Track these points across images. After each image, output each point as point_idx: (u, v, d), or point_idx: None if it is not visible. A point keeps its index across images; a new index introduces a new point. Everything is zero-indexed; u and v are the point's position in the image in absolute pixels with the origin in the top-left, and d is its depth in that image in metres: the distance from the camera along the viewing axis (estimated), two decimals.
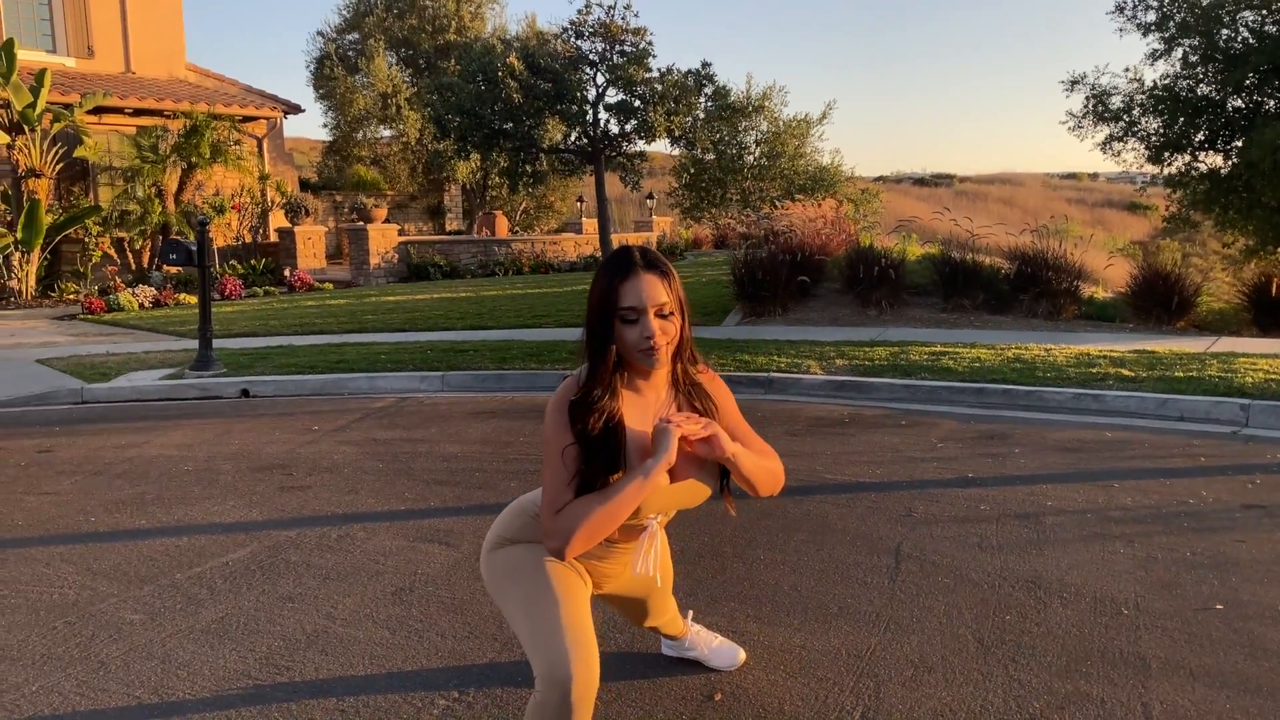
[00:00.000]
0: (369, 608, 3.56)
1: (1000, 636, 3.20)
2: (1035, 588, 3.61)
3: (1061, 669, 2.97)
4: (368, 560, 4.07)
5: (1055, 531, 4.25)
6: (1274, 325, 9.88)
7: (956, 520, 4.43)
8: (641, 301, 2.14)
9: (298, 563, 4.06)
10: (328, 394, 8.50)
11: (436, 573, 3.90)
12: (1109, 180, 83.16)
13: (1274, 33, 12.29)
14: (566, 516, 2.13)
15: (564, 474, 2.16)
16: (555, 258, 20.99)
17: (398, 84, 25.06)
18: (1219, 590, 3.55)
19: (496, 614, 3.44)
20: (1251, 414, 6.47)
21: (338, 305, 14.71)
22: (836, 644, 3.18)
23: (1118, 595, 3.53)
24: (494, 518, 4.44)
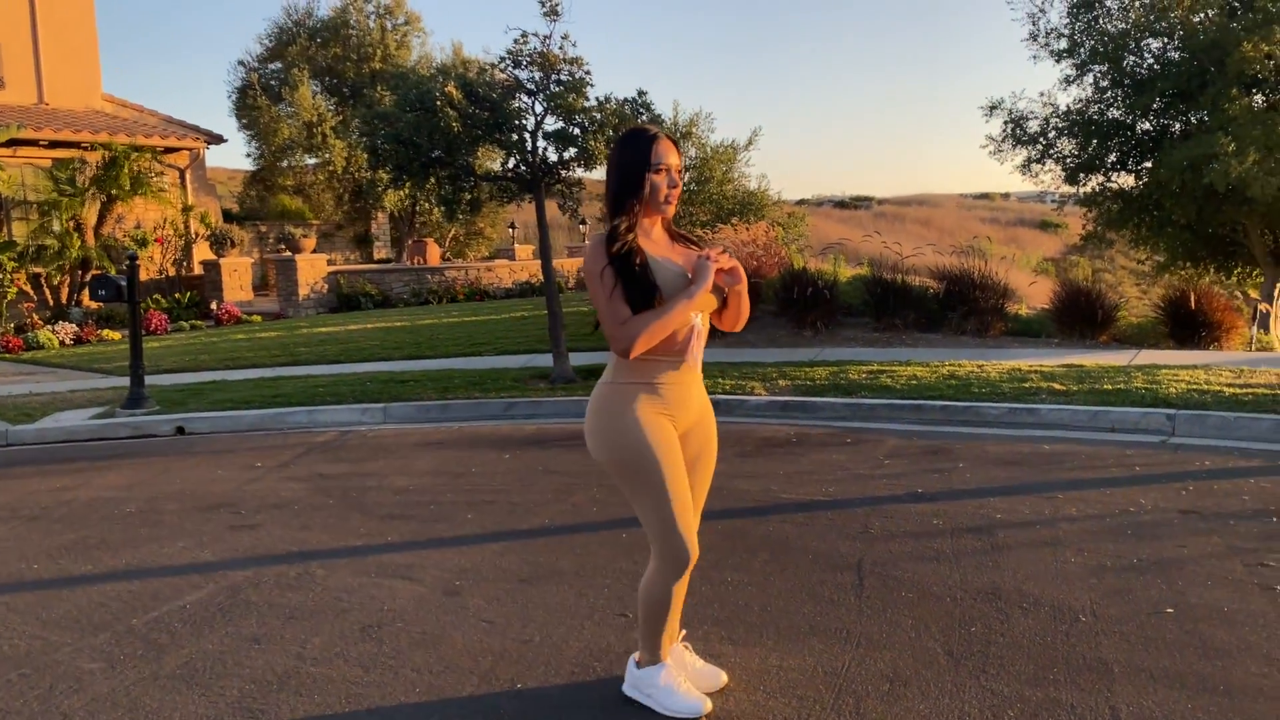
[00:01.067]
0: (339, 645, 3.51)
1: (968, 648, 3.29)
2: (995, 599, 3.72)
3: (1030, 677, 3.06)
4: (331, 598, 4.01)
5: (1007, 543, 4.38)
6: (1189, 338, 10.30)
7: (912, 535, 4.54)
8: (669, 159, 2.74)
9: (259, 602, 3.98)
10: (266, 429, 8.35)
11: (404, 608, 3.86)
12: (1020, 200, 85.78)
13: (1177, 59, 12.89)
14: (631, 324, 2.65)
15: (612, 294, 2.66)
16: (490, 284, 20.93)
17: (323, 112, 24.75)
18: (1167, 594, 3.70)
19: (474, 646, 3.43)
20: (1177, 424, 6.74)
21: (269, 338, 14.44)
22: (812, 662, 3.23)
23: (1074, 603, 3.65)
24: (451, 550, 4.45)
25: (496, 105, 8.97)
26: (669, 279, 2.71)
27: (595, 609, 3.76)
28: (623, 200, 2.74)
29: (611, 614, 3.71)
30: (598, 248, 2.71)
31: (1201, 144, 11.53)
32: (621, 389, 2.77)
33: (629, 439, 2.73)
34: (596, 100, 8.98)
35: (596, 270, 2.69)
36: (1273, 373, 8.01)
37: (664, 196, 2.75)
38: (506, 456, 6.70)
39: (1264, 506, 4.79)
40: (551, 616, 3.70)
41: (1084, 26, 13.63)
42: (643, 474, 2.73)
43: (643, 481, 2.74)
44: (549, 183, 9.47)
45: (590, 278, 2.71)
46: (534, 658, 3.34)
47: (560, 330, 9.57)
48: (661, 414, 2.77)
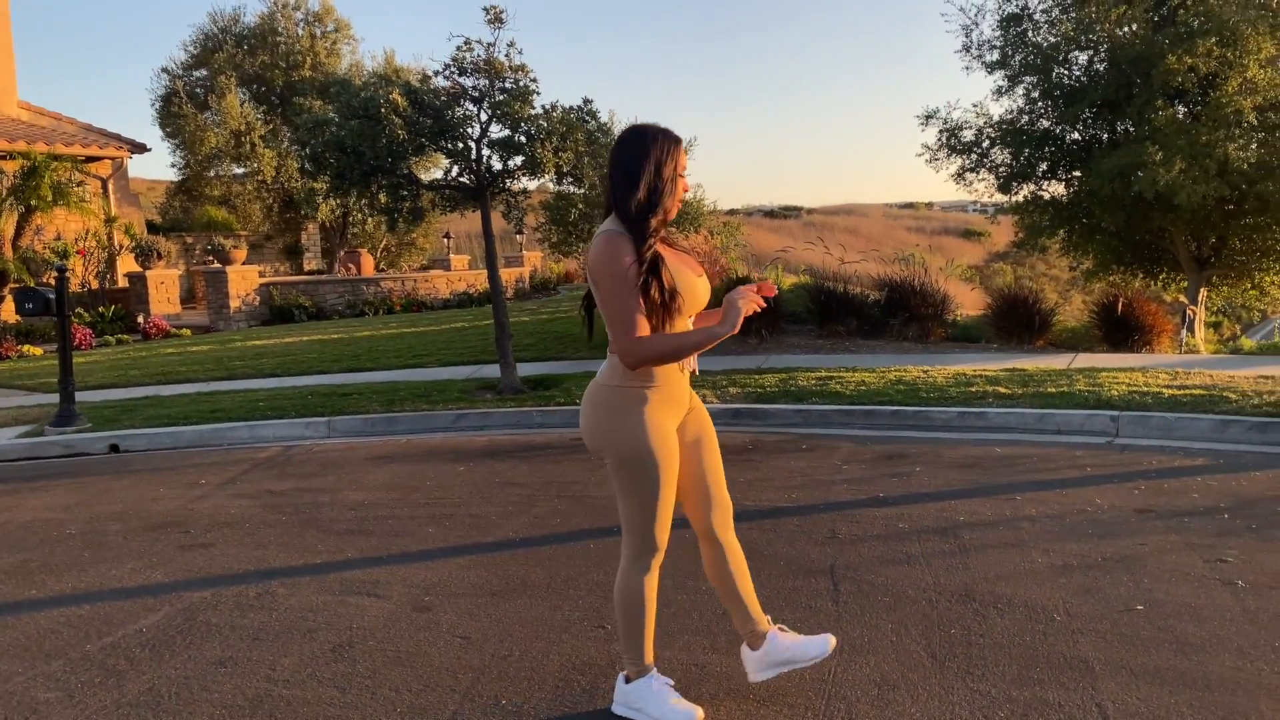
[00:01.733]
0: (310, 666, 3.39)
1: (951, 650, 3.30)
2: (970, 600, 3.75)
3: (1015, 678, 3.08)
4: (296, 617, 3.88)
5: (974, 544, 4.43)
6: (1122, 341, 10.59)
7: (879, 539, 4.56)
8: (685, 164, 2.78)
9: (220, 624, 3.83)
10: (207, 445, 8.10)
11: (374, 625, 3.75)
12: (944, 209, 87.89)
13: (1103, 71, 13.28)
14: (647, 344, 2.61)
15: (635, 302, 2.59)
16: (428, 295, 20.67)
17: (251, 121, 24.24)
18: (1135, 592, 3.77)
19: (452, 663, 3.35)
20: (1121, 425, 6.91)
21: (201, 352, 14.04)
22: (798, 669, 3.21)
23: (1047, 602, 3.70)
24: (416, 565, 4.35)
25: (440, 113, 8.86)
26: (690, 287, 2.74)
27: (572, 622, 3.70)
28: (654, 203, 2.67)
29: (589, 626, 3.65)
30: (617, 246, 2.61)
31: (1130, 153, 11.89)
32: (626, 391, 2.75)
33: (634, 440, 2.73)
34: (542, 108, 8.92)
35: (618, 270, 2.59)
36: (1206, 374, 8.26)
37: (681, 201, 2.79)
38: (461, 469, 6.59)
39: (1214, 504, 4.92)
40: (528, 630, 3.63)
41: (1014, 39, 13.98)
42: (641, 474, 2.75)
43: (640, 481, 2.76)
44: (494, 191, 9.37)
45: (606, 277, 2.60)
46: (515, 673, 3.27)
47: (507, 340, 9.47)
48: (664, 414, 2.78)
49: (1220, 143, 11.58)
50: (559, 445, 7.29)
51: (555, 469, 6.45)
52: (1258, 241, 13.70)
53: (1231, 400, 7.06)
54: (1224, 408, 6.92)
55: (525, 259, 25.76)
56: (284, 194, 25.77)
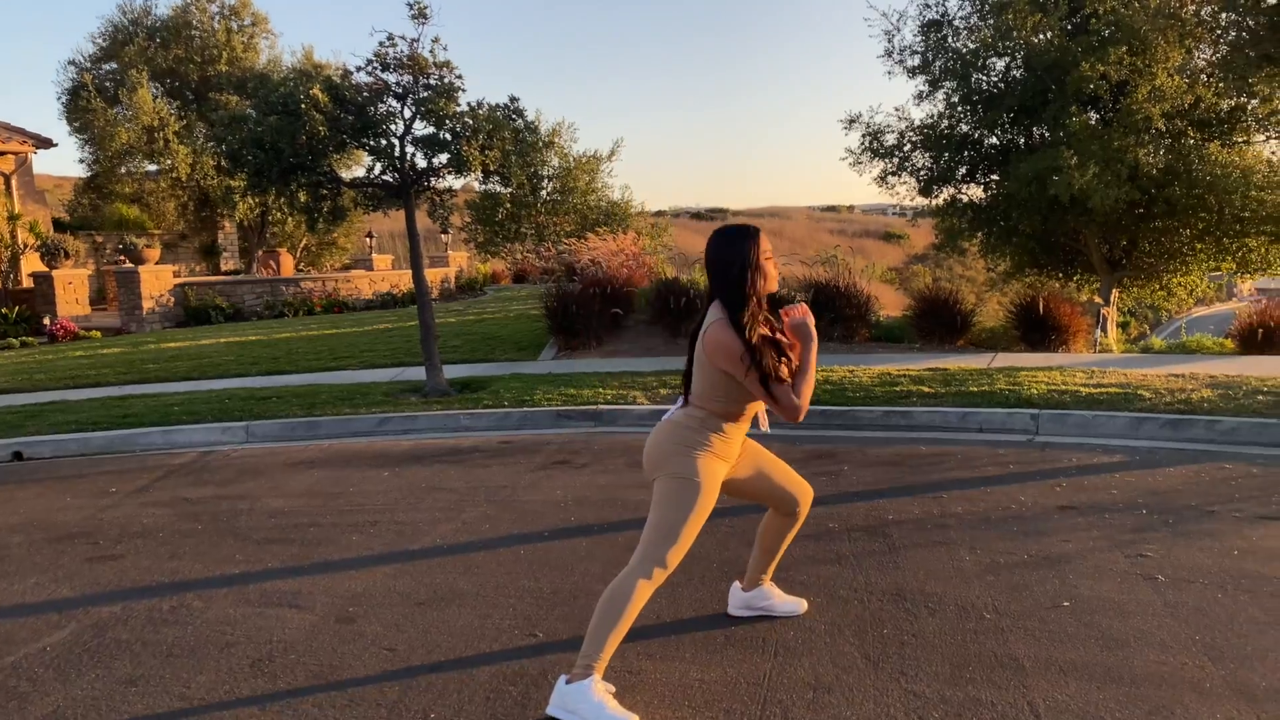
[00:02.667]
0: (227, 683, 3.25)
1: (884, 651, 3.30)
2: (901, 599, 3.77)
3: (948, 677, 3.09)
4: (212, 631, 3.73)
5: (903, 543, 4.45)
6: (1040, 341, 10.85)
7: (811, 539, 4.57)
8: (769, 247, 3.14)
9: (131, 641, 3.66)
10: (118, 452, 7.80)
11: (295, 638, 3.62)
12: (864, 212, 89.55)
13: (1020, 77, 13.61)
14: (797, 393, 3.06)
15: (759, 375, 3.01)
16: (349, 296, 20.26)
17: (165, 116, 23.49)
18: (1061, 588, 3.83)
19: (377, 677, 3.24)
20: (1041, 423, 7.06)
21: (112, 355, 13.54)
22: (732, 673, 3.18)
23: (976, 600, 3.73)
24: (340, 575, 4.23)
25: (363, 109, 8.66)
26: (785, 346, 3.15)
27: (503, 631, 3.62)
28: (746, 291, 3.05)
29: (521, 635, 3.57)
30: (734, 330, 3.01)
31: (1046, 157, 12.19)
32: (697, 432, 3.14)
33: (690, 464, 3.09)
34: (468, 105, 8.79)
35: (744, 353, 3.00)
36: (1121, 373, 8.50)
37: (774, 280, 3.15)
38: (386, 474, 6.44)
39: (1132, 500, 5.03)
40: (457, 641, 3.54)
41: (935, 45, 14.23)
42: (684, 494, 3.06)
43: (680, 499, 3.06)
44: (419, 190, 9.20)
45: (737, 359, 3.00)
46: (444, 686, 3.18)
47: (433, 342, 9.31)
48: (720, 460, 3.17)
49: (1131, 148, 11.95)
50: (487, 449, 7.17)
51: (484, 473, 6.34)
52: (1165, 244, 14.17)
53: (1145, 398, 7.26)
54: (1138, 405, 7.11)
55: (450, 259, 25.46)
56: (200, 192, 25.06)
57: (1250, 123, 13.34)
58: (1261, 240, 13.28)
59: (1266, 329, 9.74)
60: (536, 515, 5.21)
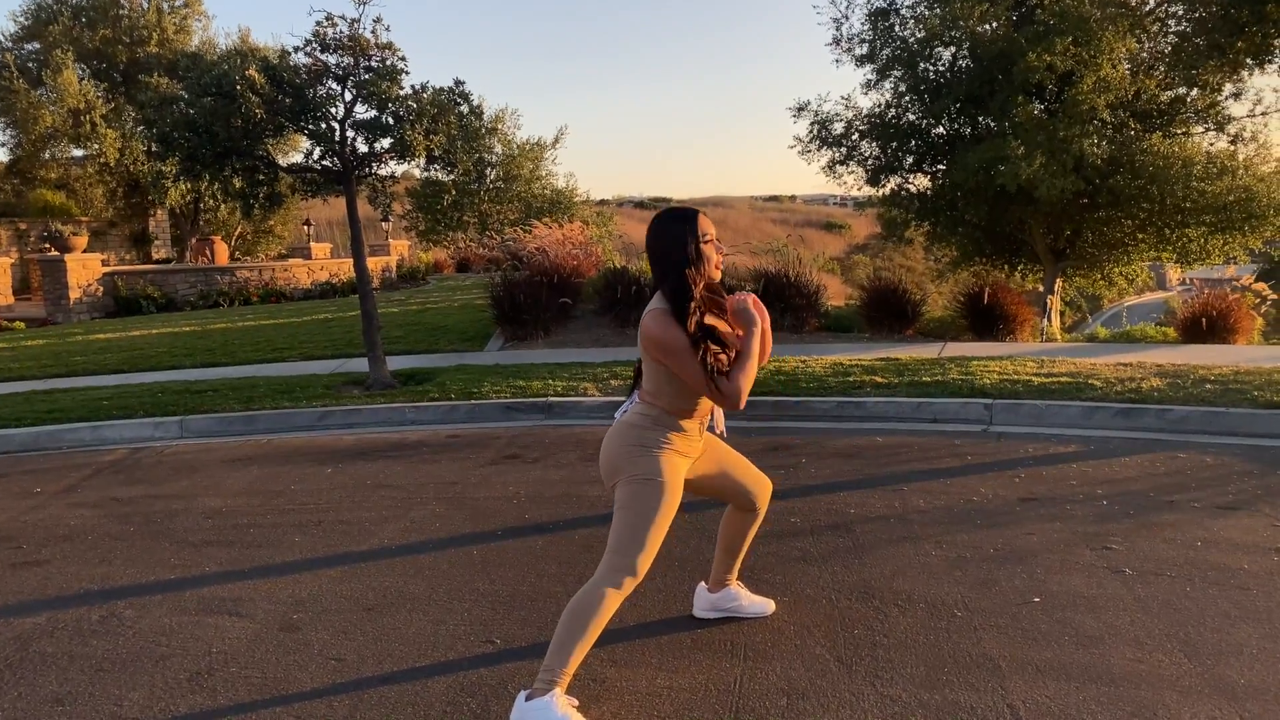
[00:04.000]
0: (164, 700, 3.03)
1: (856, 653, 3.20)
2: (870, 597, 3.66)
3: (923, 679, 2.99)
4: (146, 643, 3.49)
5: (867, 539, 4.36)
6: (987, 330, 10.89)
7: (773, 536, 4.45)
8: (712, 230, 2.96)
9: (56, 654, 3.41)
10: (42, 449, 7.44)
11: (235, 648, 3.40)
12: (806, 202, 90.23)
13: (966, 67, 13.66)
14: (734, 382, 2.87)
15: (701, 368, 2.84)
16: (287, 285, 19.75)
17: (92, 99, 22.66)
18: (1030, 584, 3.76)
19: (326, 689, 3.04)
20: (995, 413, 7.04)
21: (37, 346, 13.00)
22: (701, 679, 3.05)
23: (945, 598, 3.64)
24: (283, 579, 4.01)
25: (301, 91, 8.34)
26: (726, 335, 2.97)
27: (458, 638, 3.44)
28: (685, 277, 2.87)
29: (477, 642, 3.40)
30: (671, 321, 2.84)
31: (993, 147, 12.26)
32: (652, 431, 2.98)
33: (651, 464, 2.93)
34: (412, 88, 8.52)
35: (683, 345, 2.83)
36: (1070, 362, 8.54)
37: (717, 265, 2.98)
38: (329, 471, 6.20)
39: (1092, 490, 5.01)
40: (409, 649, 3.35)
41: (882, 33, 14.23)
42: (646, 496, 2.90)
43: (642, 502, 2.90)
44: (360, 176, 8.91)
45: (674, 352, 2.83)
46: (397, 698, 2.99)
47: (376, 333, 9.03)
48: (679, 457, 3.01)
49: (1076, 138, 12.06)
50: (434, 443, 6.96)
51: (432, 469, 6.13)
52: (1108, 234, 14.36)
53: (1096, 387, 7.29)
54: (1089, 395, 7.13)
55: (392, 247, 24.98)
56: (129, 178, 24.25)
57: (1190, 115, 13.58)
58: (1201, 230, 13.52)
59: (1209, 318, 9.88)
60: (489, 513, 5.03)
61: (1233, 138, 13.86)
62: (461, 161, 8.50)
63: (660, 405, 2.98)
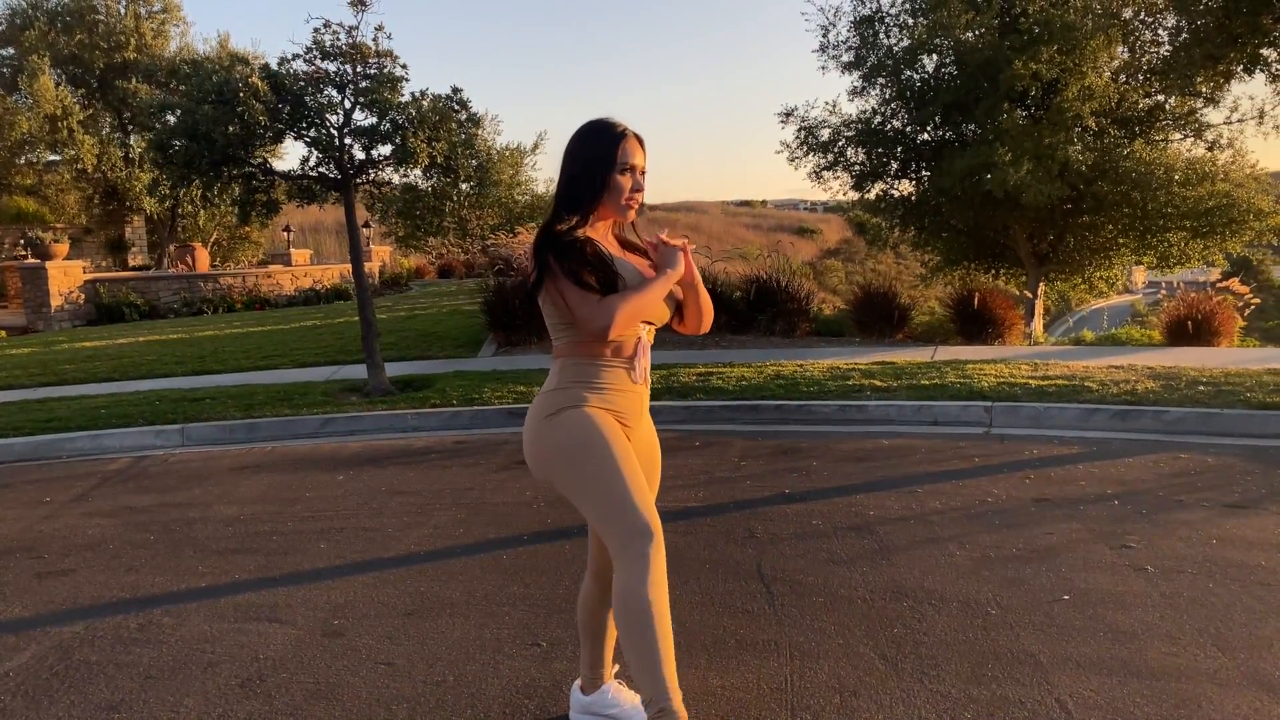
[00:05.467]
0: (219, 706, 3.05)
1: (900, 651, 3.27)
2: (903, 597, 3.74)
3: (970, 676, 3.07)
4: (190, 650, 3.51)
5: (891, 540, 4.44)
6: (976, 334, 11.06)
7: (798, 537, 4.52)
8: (635, 159, 2.51)
9: (102, 662, 3.42)
10: (42, 459, 7.39)
11: (283, 655, 3.42)
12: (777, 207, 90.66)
13: (952, 75, 13.84)
14: (609, 301, 2.41)
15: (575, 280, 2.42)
16: (271, 292, 19.65)
17: (68, 105, 22.43)
18: (1057, 582, 3.85)
19: (381, 694, 3.07)
20: (994, 415, 7.16)
21: (22, 355, 12.87)
22: (753, 679, 3.10)
23: (977, 596, 3.72)
24: (316, 586, 4.05)
25: (300, 98, 8.35)
26: (630, 274, 2.51)
27: (503, 641, 3.48)
28: (577, 198, 2.49)
29: (523, 644, 3.44)
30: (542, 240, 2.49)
31: (980, 154, 12.43)
32: (566, 391, 2.52)
33: (570, 426, 2.47)
34: (412, 95, 8.54)
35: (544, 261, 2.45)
36: (1063, 365, 8.69)
37: (625, 199, 2.52)
38: (341, 478, 6.21)
39: (1103, 491, 5.12)
40: (457, 653, 3.39)
41: (869, 40, 14.39)
42: (585, 454, 2.43)
43: (590, 470, 2.42)
44: (359, 183, 8.92)
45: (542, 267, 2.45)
46: (454, 701, 3.03)
47: (375, 340, 9.04)
48: (608, 410, 2.53)
49: (1061, 145, 12.26)
50: (442, 449, 6.98)
51: (445, 475, 6.15)
52: (1090, 239, 14.59)
53: (1092, 390, 7.42)
54: (1086, 397, 7.26)
55: (374, 254, 24.89)
56: (106, 184, 24.01)
57: (1168, 122, 13.84)
58: (1181, 235, 13.79)
59: (1194, 321, 10.08)
60: (510, 518, 5.07)
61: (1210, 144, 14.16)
62: (463, 168, 8.54)
63: (563, 353, 2.55)
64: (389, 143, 8.49)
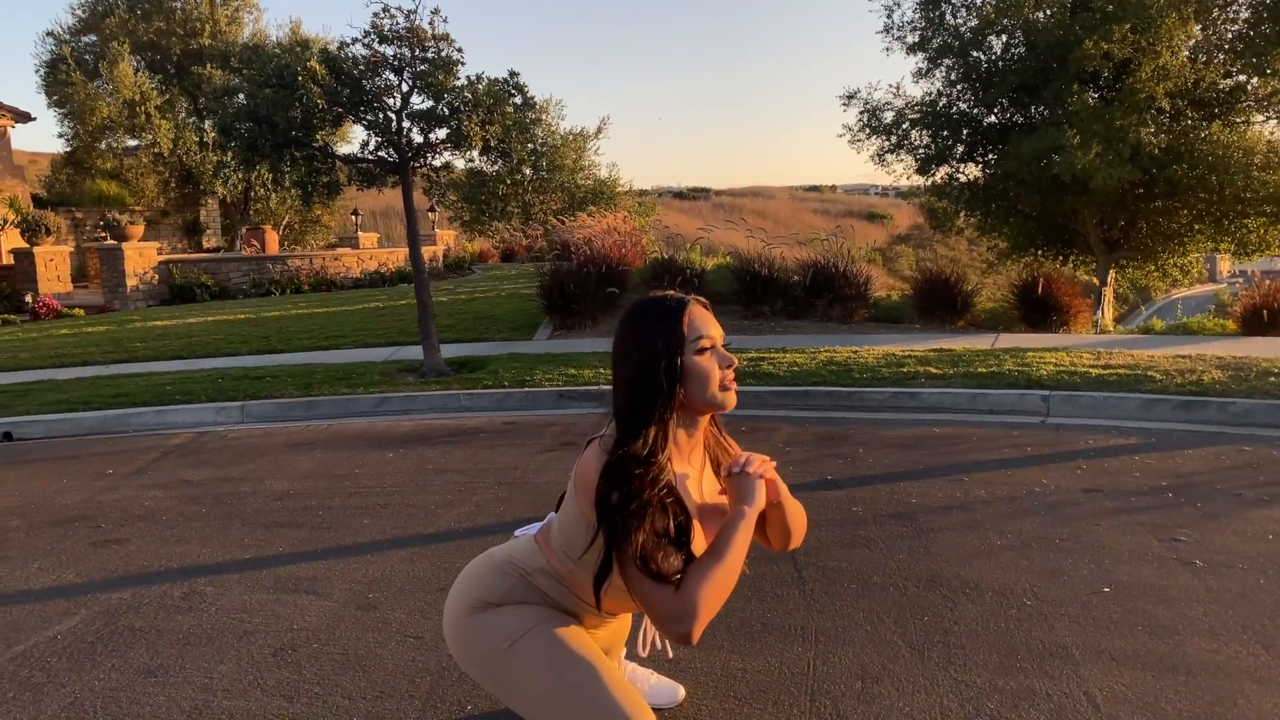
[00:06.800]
0: (251, 673, 3.13)
1: (928, 639, 3.21)
2: (937, 585, 3.68)
3: (997, 666, 3.01)
4: (228, 619, 3.60)
5: (931, 527, 4.37)
6: (1041, 321, 10.80)
7: (836, 523, 4.47)
8: (714, 330, 1.97)
9: (145, 628, 3.53)
10: (110, 432, 7.63)
11: (316, 626, 3.50)
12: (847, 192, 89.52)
13: (1019, 55, 13.51)
14: (687, 596, 1.85)
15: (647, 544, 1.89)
16: (337, 274, 20.02)
17: (146, 90, 23.06)
18: (1099, 574, 3.75)
19: (407, 666, 3.12)
20: (1052, 404, 6.99)
21: (98, 333, 13.30)
22: (775, 662, 3.08)
23: (1013, 586, 3.64)
24: (356, 560, 4.09)
25: (359, 82, 8.47)
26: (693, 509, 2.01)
27: None
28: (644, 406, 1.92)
29: None
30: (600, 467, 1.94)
31: (1048, 136, 12.12)
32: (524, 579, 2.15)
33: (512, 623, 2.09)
34: (467, 79, 8.61)
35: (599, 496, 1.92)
36: (1127, 354, 8.44)
37: (722, 384, 1.97)
38: (390, 455, 6.31)
39: (1157, 483, 4.97)
40: None
41: (934, 21, 14.10)
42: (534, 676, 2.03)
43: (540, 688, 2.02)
44: (416, 166, 9.02)
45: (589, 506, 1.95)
46: None
47: (430, 321, 9.16)
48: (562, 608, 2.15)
49: (1133, 127, 11.89)
50: (490, 429, 7.05)
51: (490, 454, 6.22)
52: (1163, 224, 14.14)
53: (1155, 380, 7.20)
54: (1149, 387, 7.05)
55: (438, 238, 25.20)
56: (182, 168, 24.68)
57: (1250, 103, 13.33)
58: (1261, 221, 13.27)
59: (1271, 310, 9.72)
60: (550, 498, 5.09)
61: None
62: (516, 152, 8.58)
63: (560, 570, 2.09)
64: (445, 126, 8.57)
